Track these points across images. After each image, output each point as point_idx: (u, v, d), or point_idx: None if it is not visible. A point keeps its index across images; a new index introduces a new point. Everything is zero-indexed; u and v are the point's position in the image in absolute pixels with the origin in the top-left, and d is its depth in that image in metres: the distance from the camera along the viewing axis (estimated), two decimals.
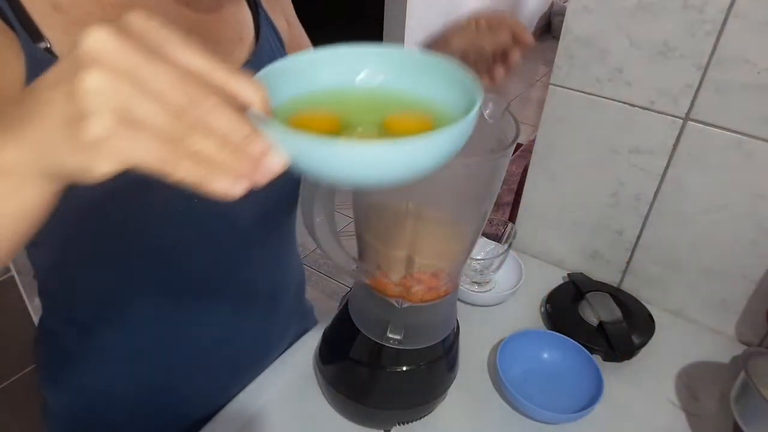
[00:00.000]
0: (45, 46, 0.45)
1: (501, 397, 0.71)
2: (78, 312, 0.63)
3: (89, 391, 0.68)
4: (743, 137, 0.71)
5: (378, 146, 0.28)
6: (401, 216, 0.54)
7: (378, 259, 0.57)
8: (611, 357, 0.76)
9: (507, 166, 0.53)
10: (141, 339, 0.65)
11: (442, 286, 0.59)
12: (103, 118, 0.25)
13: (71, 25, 0.47)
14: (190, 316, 0.65)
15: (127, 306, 0.62)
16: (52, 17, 0.46)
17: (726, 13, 0.66)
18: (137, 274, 0.59)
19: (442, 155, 0.31)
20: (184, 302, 0.63)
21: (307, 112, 0.34)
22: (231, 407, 0.68)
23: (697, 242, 0.80)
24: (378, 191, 0.56)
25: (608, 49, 0.76)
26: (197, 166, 0.26)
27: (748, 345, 0.82)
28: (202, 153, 0.26)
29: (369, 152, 0.29)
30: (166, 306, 0.63)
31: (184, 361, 0.68)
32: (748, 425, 0.62)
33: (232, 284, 0.67)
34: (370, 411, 0.65)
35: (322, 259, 2.37)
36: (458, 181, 0.54)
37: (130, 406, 0.69)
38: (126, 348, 0.65)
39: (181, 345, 0.67)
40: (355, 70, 0.37)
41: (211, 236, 0.61)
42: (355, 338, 0.64)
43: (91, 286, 0.60)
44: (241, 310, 0.70)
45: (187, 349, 0.68)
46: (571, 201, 0.89)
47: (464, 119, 0.30)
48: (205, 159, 0.26)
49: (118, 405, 0.69)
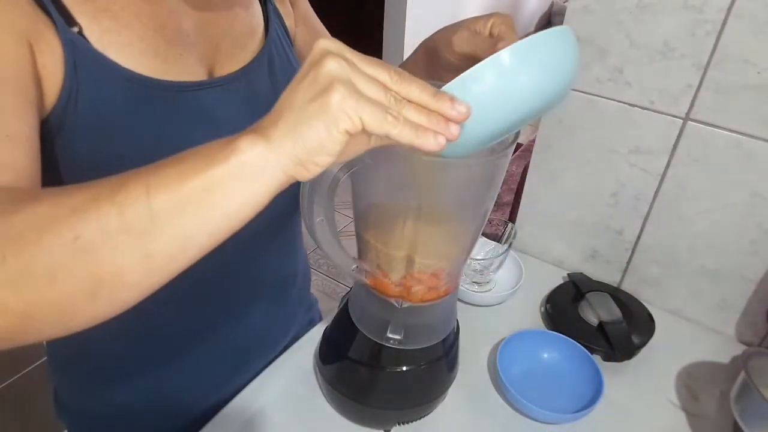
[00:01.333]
0: (77, 30, 0.49)
1: (501, 397, 0.71)
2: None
3: (97, 380, 0.69)
4: (743, 137, 0.71)
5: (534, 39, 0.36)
6: (401, 216, 0.54)
7: (378, 259, 0.57)
8: (611, 357, 0.76)
9: (507, 166, 0.53)
10: (148, 330, 0.65)
11: (442, 286, 0.59)
12: (339, 88, 0.33)
13: (99, 11, 0.51)
14: (197, 306, 0.66)
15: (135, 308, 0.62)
16: (82, 5, 0.50)
17: (726, 13, 0.66)
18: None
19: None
20: (191, 292, 0.64)
21: None
22: (231, 407, 0.68)
23: (697, 242, 0.80)
24: (378, 190, 0.56)
25: (608, 49, 0.76)
26: (406, 126, 0.34)
27: (748, 345, 0.82)
28: (409, 117, 0.35)
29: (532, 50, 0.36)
30: (174, 295, 0.63)
31: (192, 349, 0.69)
32: (748, 425, 0.62)
33: (241, 272, 0.68)
34: (370, 411, 0.65)
35: (322, 259, 2.38)
36: (458, 181, 0.54)
37: (138, 395, 0.70)
38: (133, 341, 0.66)
39: (188, 335, 0.68)
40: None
41: None
42: (355, 338, 0.63)
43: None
44: (249, 296, 0.71)
45: (194, 339, 0.68)
46: (571, 201, 0.89)
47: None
48: (411, 123, 0.35)
49: (126, 394, 0.69)
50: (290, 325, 0.82)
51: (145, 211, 0.33)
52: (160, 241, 0.34)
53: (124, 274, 0.34)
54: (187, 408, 0.72)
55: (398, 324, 0.61)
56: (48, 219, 0.33)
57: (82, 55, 0.49)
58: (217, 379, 0.72)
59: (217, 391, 0.71)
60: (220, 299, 0.69)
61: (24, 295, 0.33)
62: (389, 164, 0.50)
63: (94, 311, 0.35)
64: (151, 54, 0.54)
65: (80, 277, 0.33)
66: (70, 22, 0.49)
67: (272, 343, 0.78)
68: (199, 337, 0.69)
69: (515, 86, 0.37)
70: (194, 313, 0.67)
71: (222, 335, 0.71)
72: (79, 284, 0.33)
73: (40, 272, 0.32)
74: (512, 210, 1.36)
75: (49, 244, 0.32)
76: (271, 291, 0.75)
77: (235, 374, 0.73)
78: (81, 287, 0.33)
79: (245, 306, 0.72)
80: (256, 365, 0.74)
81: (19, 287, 0.32)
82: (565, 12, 0.77)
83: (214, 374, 0.72)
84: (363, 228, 0.58)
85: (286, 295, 0.79)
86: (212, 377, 0.72)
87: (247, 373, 0.73)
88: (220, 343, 0.71)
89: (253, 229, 0.64)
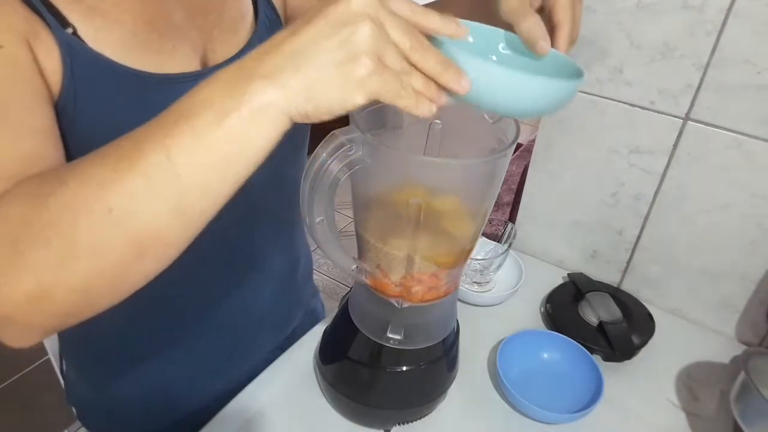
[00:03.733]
0: (72, 31, 0.49)
1: (501, 397, 0.71)
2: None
3: (104, 364, 0.70)
4: (743, 137, 0.71)
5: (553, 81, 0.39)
6: (401, 216, 0.54)
7: (378, 259, 0.57)
8: (611, 357, 0.76)
9: (507, 166, 0.53)
10: (155, 311, 0.66)
11: (442, 286, 0.59)
12: (370, 59, 0.33)
13: (90, 10, 0.51)
14: (204, 289, 0.67)
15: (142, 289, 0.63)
16: (73, 5, 0.50)
17: (726, 13, 0.66)
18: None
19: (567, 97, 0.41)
20: (198, 275, 0.64)
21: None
22: (231, 407, 0.68)
23: (697, 242, 0.80)
24: (378, 191, 0.56)
25: (608, 49, 0.76)
26: (411, 96, 0.35)
27: (748, 345, 0.82)
28: (415, 86, 0.36)
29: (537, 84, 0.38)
30: (181, 278, 0.63)
31: (199, 332, 0.70)
32: (748, 425, 0.62)
33: (246, 256, 0.69)
34: (370, 411, 0.65)
35: (322, 259, 2.38)
36: (458, 181, 0.54)
37: (144, 386, 0.70)
38: (139, 326, 0.66)
39: (195, 317, 0.68)
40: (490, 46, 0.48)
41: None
42: (355, 338, 0.64)
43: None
44: (256, 279, 0.72)
45: (201, 320, 0.69)
46: (571, 201, 0.89)
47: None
48: (415, 91, 0.36)
49: (132, 383, 0.70)
50: (297, 306, 0.83)
51: (171, 174, 0.34)
52: (191, 198, 0.35)
53: (163, 233, 0.36)
54: (196, 396, 0.73)
55: (398, 324, 0.61)
56: (79, 198, 0.35)
57: (78, 56, 0.49)
58: (224, 363, 0.73)
59: (224, 377, 0.72)
60: (224, 286, 0.69)
61: (78, 271, 0.35)
62: (389, 164, 0.50)
63: (145, 271, 0.38)
64: (145, 48, 0.54)
65: (123, 245, 0.35)
66: (63, 24, 0.49)
67: (280, 324, 0.79)
68: (207, 316, 0.69)
69: (516, 100, 0.39)
70: (201, 294, 0.68)
71: (229, 314, 0.71)
72: (124, 251, 0.35)
73: (85, 248, 0.35)
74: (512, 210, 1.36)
75: (86, 221, 0.34)
76: (278, 269, 0.75)
77: (244, 357, 0.74)
78: (126, 253, 0.36)
79: (252, 284, 0.72)
80: (264, 348, 0.75)
81: (71, 265, 0.35)
82: None
83: (222, 357, 0.72)
84: (363, 228, 0.58)
85: (294, 276, 0.80)
86: (220, 360, 0.72)
87: (258, 355, 0.74)
88: (228, 326, 0.71)
89: (253, 206, 0.65)
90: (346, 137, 0.47)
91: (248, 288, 0.71)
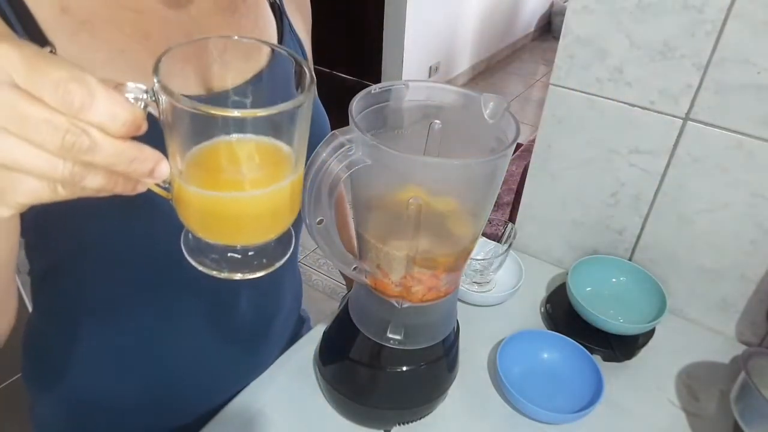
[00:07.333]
0: (49, 50, 0.45)
1: (501, 397, 0.71)
2: (68, 312, 0.63)
3: (76, 393, 0.67)
4: (743, 137, 0.71)
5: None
6: (401, 216, 0.54)
7: (378, 259, 0.57)
8: (611, 357, 0.76)
9: (507, 166, 0.53)
10: (134, 338, 0.64)
11: (442, 286, 0.59)
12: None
13: (78, 26, 0.47)
14: (186, 310, 0.65)
15: (122, 306, 0.61)
16: (59, 20, 0.46)
17: (726, 13, 0.66)
18: (135, 277, 0.59)
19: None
20: (179, 298, 0.63)
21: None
22: (231, 407, 0.68)
23: (697, 242, 0.80)
24: (378, 191, 0.56)
25: (608, 49, 0.76)
26: (96, 188, 0.30)
27: (748, 345, 0.83)
28: (93, 183, 0.30)
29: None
30: (162, 303, 0.62)
31: (183, 355, 0.68)
32: (748, 425, 0.62)
33: (219, 321, 0.66)
34: (370, 411, 0.65)
35: (322, 259, 2.37)
36: (458, 181, 0.54)
37: (123, 408, 0.68)
38: (118, 348, 0.64)
39: (178, 340, 0.66)
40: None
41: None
42: (355, 338, 0.63)
43: (85, 288, 0.60)
44: (239, 301, 0.69)
45: (183, 344, 0.67)
46: (571, 201, 0.89)
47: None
48: (99, 184, 0.30)
49: (110, 407, 0.68)
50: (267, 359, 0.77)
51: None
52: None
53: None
54: (183, 413, 0.71)
55: (398, 324, 0.61)
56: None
57: None
58: (217, 381, 0.71)
59: (223, 389, 0.70)
60: (206, 307, 0.66)
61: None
62: (389, 164, 0.50)
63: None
64: (133, 68, 0.50)
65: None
66: (42, 43, 0.44)
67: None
68: (186, 348, 0.67)
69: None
70: (179, 323, 0.65)
71: (211, 344, 0.68)
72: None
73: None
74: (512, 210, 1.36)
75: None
76: (245, 339, 0.71)
77: (232, 378, 0.72)
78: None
79: (234, 308, 0.68)
80: (255, 362, 0.73)
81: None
82: (566, 12, 0.77)
83: (210, 381, 0.70)
84: (363, 228, 0.58)
85: (264, 339, 0.74)
86: (211, 381, 0.70)
87: (253, 367, 0.72)
88: (212, 352, 0.69)
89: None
90: (346, 137, 0.47)
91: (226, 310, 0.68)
